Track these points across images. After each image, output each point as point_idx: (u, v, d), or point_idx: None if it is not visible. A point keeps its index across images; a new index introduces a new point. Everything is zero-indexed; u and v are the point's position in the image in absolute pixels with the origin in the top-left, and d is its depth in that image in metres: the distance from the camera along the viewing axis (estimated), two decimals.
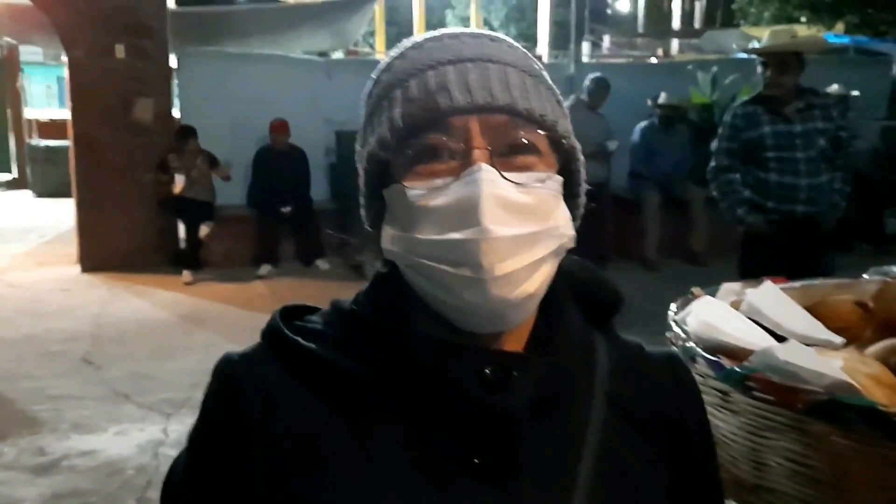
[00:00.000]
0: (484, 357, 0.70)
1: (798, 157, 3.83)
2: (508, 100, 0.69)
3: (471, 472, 0.70)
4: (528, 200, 0.68)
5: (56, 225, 9.84)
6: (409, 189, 0.68)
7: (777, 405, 0.95)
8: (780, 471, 0.97)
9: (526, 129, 0.70)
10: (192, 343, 5.40)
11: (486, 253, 0.65)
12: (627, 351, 0.82)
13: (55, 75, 16.32)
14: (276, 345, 0.75)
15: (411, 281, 0.71)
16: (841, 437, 0.89)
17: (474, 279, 0.66)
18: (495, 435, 0.70)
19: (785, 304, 1.36)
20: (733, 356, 1.05)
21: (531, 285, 0.68)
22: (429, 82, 0.69)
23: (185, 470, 0.77)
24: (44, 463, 3.69)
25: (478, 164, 0.67)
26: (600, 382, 0.77)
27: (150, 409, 4.29)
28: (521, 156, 0.70)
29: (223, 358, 0.76)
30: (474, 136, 0.68)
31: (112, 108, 7.29)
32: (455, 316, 0.69)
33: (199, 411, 0.77)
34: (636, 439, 0.77)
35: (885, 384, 0.99)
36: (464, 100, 0.68)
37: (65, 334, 5.60)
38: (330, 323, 0.77)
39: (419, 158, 0.69)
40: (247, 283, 7.07)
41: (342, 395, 0.72)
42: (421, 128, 0.69)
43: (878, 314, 1.42)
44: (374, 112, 0.73)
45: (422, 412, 0.71)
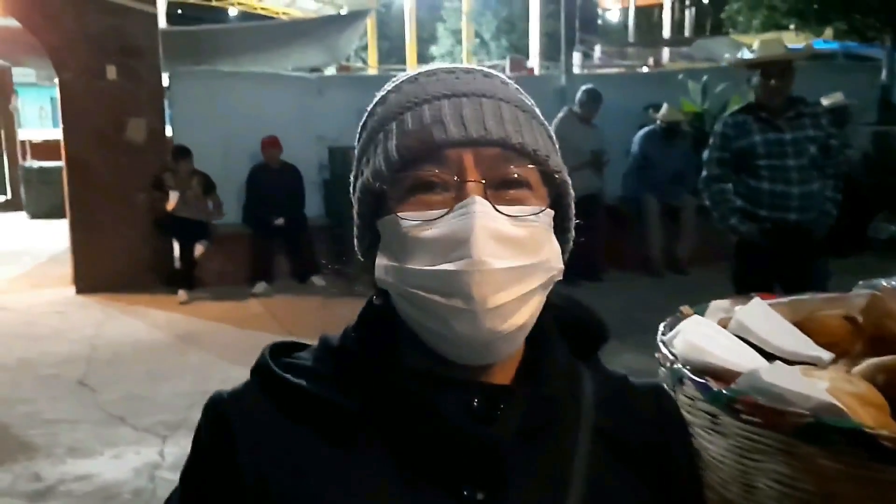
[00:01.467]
0: (471, 389, 0.71)
1: (789, 164, 3.86)
2: (502, 134, 0.70)
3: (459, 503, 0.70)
4: (520, 233, 0.69)
5: (50, 246, 9.83)
6: (402, 220, 0.69)
7: (764, 427, 0.94)
8: (769, 493, 0.97)
9: (518, 163, 0.71)
10: (187, 363, 5.38)
11: (478, 284, 0.66)
12: (612, 383, 0.83)
13: (48, 96, 16.36)
14: (265, 382, 0.76)
15: (403, 312, 0.72)
16: (828, 460, 0.89)
17: (465, 310, 0.66)
18: (484, 467, 0.71)
19: (773, 321, 1.36)
20: (721, 378, 1.05)
21: (521, 317, 0.69)
22: (424, 115, 0.70)
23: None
24: (40, 489, 3.67)
25: (472, 196, 0.68)
26: (586, 414, 0.78)
27: (146, 431, 4.27)
28: (513, 189, 0.71)
29: (213, 396, 0.77)
30: (468, 169, 0.69)
31: (104, 128, 7.30)
32: (445, 347, 0.70)
33: (190, 449, 0.78)
34: (622, 470, 0.78)
35: (872, 404, 0.99)
36: (458, 133, 0.69)
37: (59, 357, 5.59)
38: (319, 359, 0.78)
39: (413, 190, 0.70)
40: (242, 301, 7.07)
41: (331, 430, 0.72)
42: (416, 160, 0.70)
43: (867, 328, 1.42)
44: (368, 143, 0.74)
45: (411, 445, 0.71)
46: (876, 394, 1.02)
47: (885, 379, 1.07)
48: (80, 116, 7.29)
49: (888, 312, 1.39)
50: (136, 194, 7.39)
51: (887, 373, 1.08)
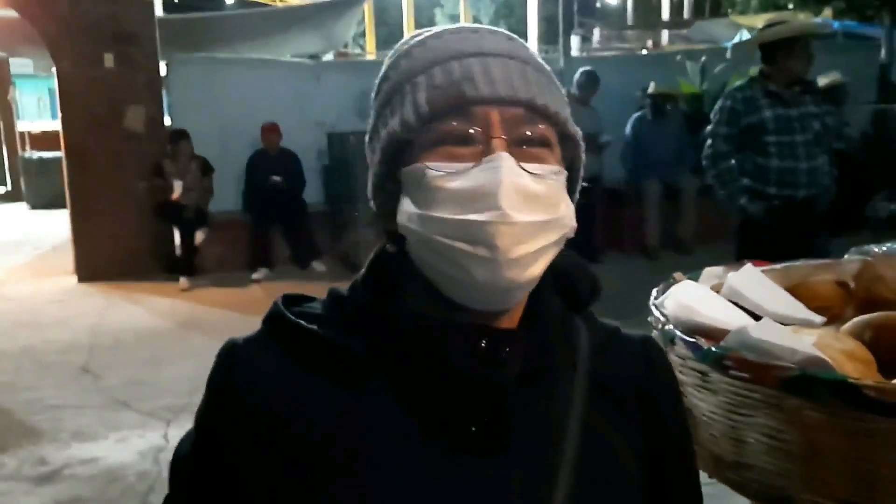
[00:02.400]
0: (476, 333, 0.74)
1: (797, 140, 3.82)
2: (528, 94, 0.73)
3: (464, 444, 0.73)
4: (541, 190, 0.72)
5: (51, 236, 9.85)
6: (430, 170, 0.72)
7: (753, 382, 0.97)
8: (758, 447, 0.99)
9: (541, 123, 0.74)
10: (189, 349, 5.41)
11: (504, 235, 0.69)
12: (605, 333, 0.86)
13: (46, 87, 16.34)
14: (277, 329, 0.79)
15: (420, 258, 0.75)
16: (814, 411, 0.91)
17: (489, 259, 0.70)
18: (487, 407, 0.74)
19: (765, 286, 1.38)
20: (711, 337, 1.07)
21: (536, 269, 0.73)
22: (454, 71, 0.73)
23: (190, 448, 0.81)
24: (45, 472, 3.70)
25: (498, 152, 0.71)
26: (582, 360, 0.81)
27: (150, 415, 4.30)
28: (535, 148, 0.74)
29: (227, 342, 0.80)
30: (494, 126, 0.72)
31: (103, 117, 7.30)
32: (461, 293, 0.73)
33: (204, 393, 0.80)
34: (615, 413, 0.82)
35: (858, 359, 1.01)
36: (488, 91, 0.72)
37: (62, 344, 5.61)
38: (328, 307, 0.81)
39: (441, 142, 0.73)
40: (243, 287, 7.09)
41: (340, 374, 0.75)
42: (445, 113, 0.72)
43: (858, 293, 1.44)
44: (393, 94, 0.77)
45: (416, 388, 0.74)
46: (863, 349, 1.04)
47: (871, 335, 1.09)
48: (79, 105, 7.29)
49: (879, 277, 1.41)
50: (135, 182, 7.40)
51: (874, 329, 1.10)
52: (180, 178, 7.20)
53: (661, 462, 0.83)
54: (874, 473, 0.89)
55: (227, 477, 0.76)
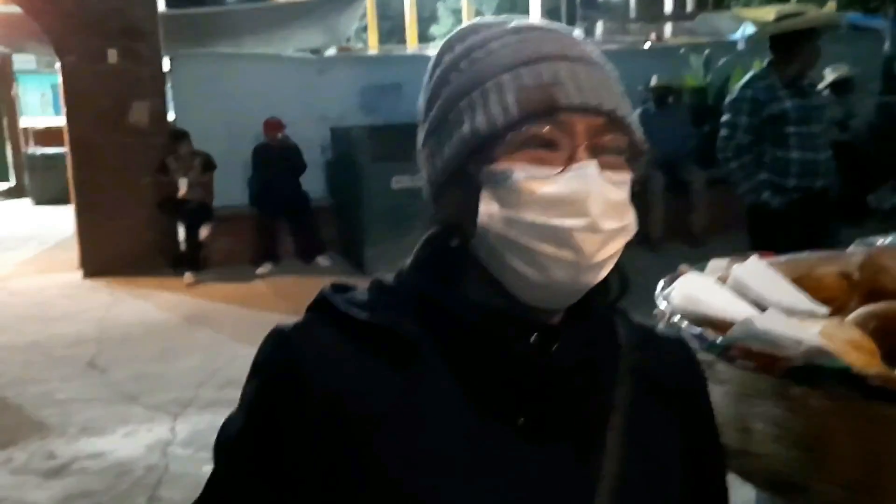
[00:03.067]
0: (528, 326, 0.77)
1: (815, 131, 3.82)
2: (611, 105, 0.75)
3: (516, 431, 0.75)
4: (620, 197, 0.75)
5: (56, 232, 9.88)
6: (517, 172, 0.73)
7: (758, 372, 0.98)
8: (764, 435, 1.01)
9: (619, 133, 0.76)
10: (196, 343, 5.44)
11: (590, 241, 0.72)
12: (643, 330, 0.89)
13: (49, 83, 16.35)
14: (327, 315, 0.79)
15: (494, 254, 0.75)
16: (818, 399, 0.93)
17: (573, 262, 0.72)
18: (538, 397, 0.76)
19: (770, 278, 1.39)
20: (717, 328, 1.09)
21: (605, 272, 0.76)
22: (543, 74, 0.74)
23: (241, 431, 0.80)
24: (54, 466, 3.73)
25: (587, 160, 0.73)
26: (624, 355, 0.84)
27: (158, 409, 4.33)
28: (613, 156, 0.76)
29: (276, 328, 0.80)
30: (580, 134, 0.73)
31: (107, 112, 7.32)
32: (530, 292, 0.75)
33: (251, 374, 0.80)
34: (656, 408, 0.84)
35: (862, 348, 1.02)
36: (578, 99, 0.73)
37: (70, 339, 5.64)
38: (376, 295, 0.82)
39: (528, 144, 0.73)
40: (248, 282, 7.12)
41: (394, 357, 0.77)
42: (533, 117, 0.73)
43: (862, 284, 1.45)
44: (471, 90, 0.76)
45: (471, 375, 0.76)
46: (867, 339, 1.06)
47: (876, 325, 1.11)
48: (83, 100, 7.30)
49: (882, 268, 1.42)
50: (140, 177, 7.42)
51: (878, 319, 1.12)
52: (184, 175, 7.22)
53: (698, 457, 0.86)
54: (879, 459, 0.91)
55: (287, 459, 0.76)
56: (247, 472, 0.79)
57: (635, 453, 0.79)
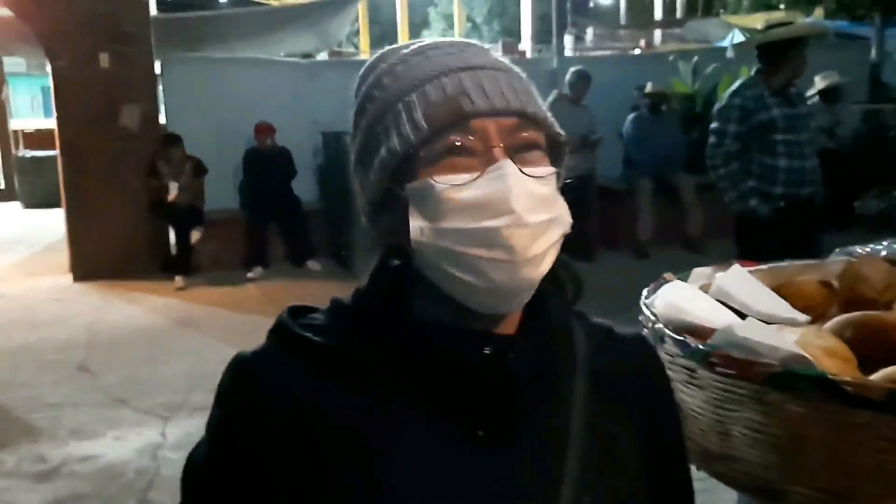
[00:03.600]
0: (482, 339, 0.79)
1: (802, 139, 3.86)
2: (519, 104, 0.78)
3: (475, 444, 0.77)
4: (543, 191, 0.77)
5: (46, 235, 9.85)
6: (437, 183, 0.75)
7: (738, 378, 1.01)
8: (743, 440, 1.04)
9: (532, 129, 0.79)
10: (186, 347, 5.45)
11: (519, 237, 0.74)
12: (600, 331, 0.91)
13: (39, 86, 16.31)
14: (285, 341, 0.82)
15: (433, 268, 0.77)
16: (795, 405, 0.96)
17: (507, 261, 0.74)
18: (496, 408, 0.78)
19: (752, 286, 1.43)
20: (699, 335, 1.12)
21: (545, 266, 0.78)
22: (446, 87, 0.77)
23: (207, 459, 0.82)
24: (44, 470, 3.74)
25: (502, 160, 0.75)
26: (581, 359, 0.86)
27: (148, 412, 4.34)
28: (529, 153, 0.78)
29: (236, 356, 0.83)
30: (492, 136, 0.76)
31: (98, 116, 7.32)
32: (478, 298, 0.77)
33: (214, 403, 0.83)
34: (616, 409, 0.86)
35: (838, 356, 1.06)
36: (483, 104, 0.76)
37: (59, 343, 5.64)
38: (333, 318, 0.84)
39: (444, 155, 0.76)
40: (238, 286, 7.12)
41: (352, 381, 0.79)
42: (443, 128, 0.76)
43: (841, 293, 1.49)
44: (385, 114, 0.79)
45: (427, 392, 0.78)
46: (843, 347, 1.09)
47: (851, 333, 1.14)
48: (74, 104, 7.30)
49: (862, 277, 1.46)
50: (131, 181, 7.42)
51: (854, 328, 1.15)
52: (175, 179, 7.22)
53: (659, 455, 0.88)
54: (853, 464, 0.94)
55: (252, 485, 0.78)
56: (213, 501, 0.81)
57: (596, 456, 0.81)
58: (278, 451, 0.77)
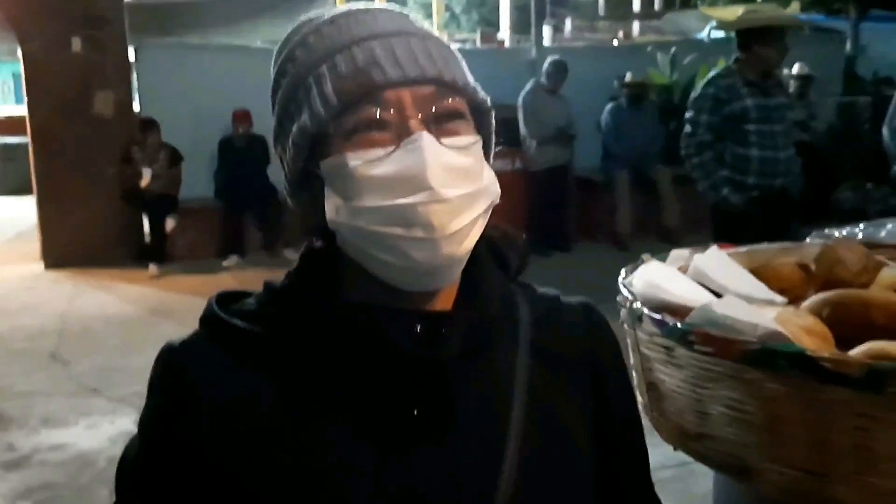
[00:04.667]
0: (413, 317, 0.75)
1: (775, 130, 3.88)
2: (435, 71, 0.73)
3: (410, 427, 0.75)
4: (464, 162, 0.73)
5: (17, 223, 9.70)
6: (351, 160, 0.71)
7: (716, 356, 1.00)
8: (721, 418, 1.03)
9: (452, 97, 0.75)
10: (160, 336, 5.23)
11: (438, 213, 0.70)
12: (545, 301, 0.88)
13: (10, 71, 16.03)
14: (214, 329, 0.79)
15: (353, 249, 0.74)
16: (774, 383, 0.95)
17: (426, 239, 0.70)
18: (430, 388, 0.75)
19: (730, 267, 1.42)
20: (677, 314, 1.11)
21: (470, 241, 0.74)
22: (357, 58, 0.73)
23: (138, 456, 0.80)
24: (14, 458, 3.68)
25: (417, 132, 0.71)
26: (524, 332, 0.83)
27: (121, 401, 4.28)
28: (450, 122, 0.74)
29: (164, 347, 0.80)
30: (408, 107, 0.72)
31: (70, 101, 7.21)
32: (399, 277, 0.73)
33: (147, 398, 0.80)
34: (560, 382, 0.83)
35: (816, 334, 1.05)
36: (396, 73, 0.72)
37: (31, 331, 5.56)
38: (264, 303, 0.81)
39: (357, 130, 0.72)
40: (214, 274, 7.06)
41: (282, 369, 0.76)
42: (355, 102, 0.72)
43: (818, 276, 1.48)
44: (296, 89, 0.76)
45: (359, 376, 0.75)
46: (821, 325, 1.08)
47: (829, 312, 1.13)
48: (45, 89, 7.18)
49: (838, 260, 1.46)
50: (104, 168, 7.32)
51: (832, 307, 1.14)
52: (149, 165, 7.13)
53: (609, 422, 0.86)
54: (830, 442, 0.94)
55: (181, 479, 0.76)
56: (144, 497, 0.78)
57: (540, 428, 0.79)
58: (207, 441, 0.75)
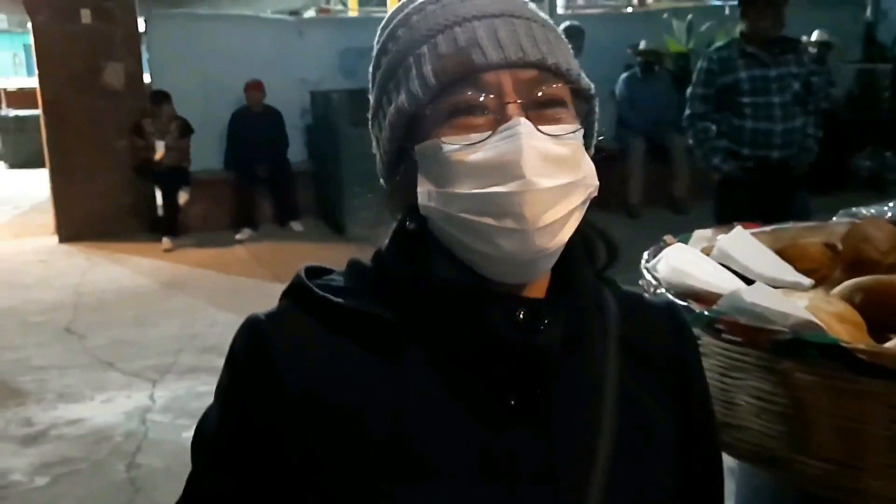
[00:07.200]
0: (513, 302, 0.73)
1: (773, 101, 3.85)
2: (538, 55, 0.71)
3: (507, 412, 0.72)
4: (562, 152, 0.70)
5: (30, 196, 9.72)
6: (446, 144, 0.69)
7: (744, 346, 0.97)
8: (749, 409, 1.00)
9: (554, 83, 0.72)
10: (174, 309, 5.39)
11: (530, 204, 0.67)
12: (630, 298, 0.86)
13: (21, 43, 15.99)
14: (302, 301, 0.76)
15: (444, 235, 0.73)
16: (805, 374, 0.92)
17: (517, 230, 0.68)
18: (530, 376, 0.73)
19: (755, 249, 1.39)
20: (703, 300, 1.08)
21: (565, 234, 0.71)
22: (458, 38, 0.70)
23: (216, 425, 0.77)
24: (31, 433, 3.70)
25: (515, 118, 0.68)
26: (612, 325, 0.81)
27: (136, 375, 4.30)
28: (550, 109, 0.71)
29: (249, 317, 0.77)
30: (507, 92, 0.69)
31: (80, 73, 7.16)
32: (489, 267, 0.71)
33: (225, 367, 0.77)
34: (648, 378, 0.81)
35: (848, 321, 1.02)
36: (497, 56, 0.69)
37: (45, 305, 5.58)
38: (351, 278, 0.78)
39: (454, 114, 0.70)
40: (226, 247, 7.05)
41: (374, 343, 0.73)
42: (454, 84, 0.70)
43: (845, 255, 1.45)
44: (396, 68, 0.74)
45: (456, 358, 0.73)
46: (853, 312, 1.05)
47: (861, 298, 1.10)
48: (56, 61, 7.14)
49: (866, 239, 1.42)
50: (115, 140, 7.29)
51: (864, 292, 1.11)
52: (161, 138, 7.10)
53: (690, 427, 0.84)
54: (863, 434, 0.91)
55: (267, 453, 0.73)
56: (225, 469, 0.76)
57: (629, 426, 0.77)
58: (293, 417, 0.72)
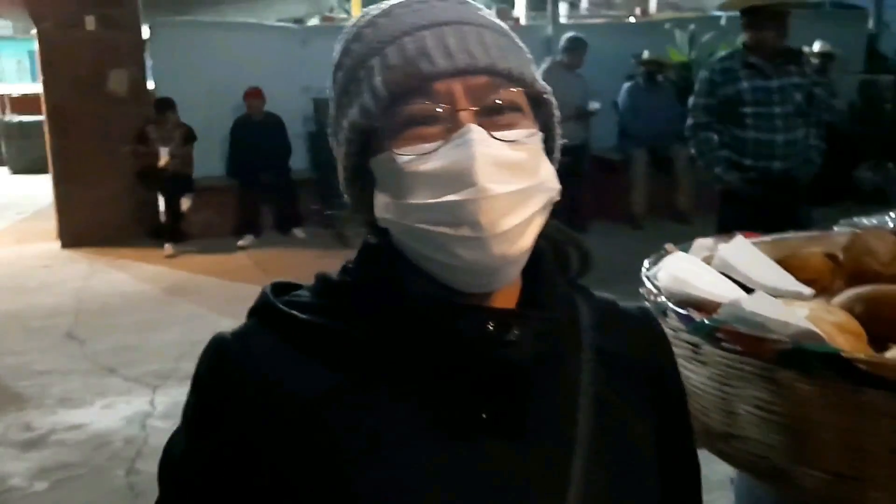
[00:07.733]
0: (483, 315, 0.72)
1: (775, 112, 3.85)
2: (488, 61, 0.70)
3: (480, 428, 0.71)
4: (517, 157, 0.69)
5: (34, 201, 9.75)
6: (398, 156, 0.69)
7: (745, 355, 0.97)
8: (749, 418, 1.00)
9: (507, 88, 0.71)
10: (175, 315, 5.39)
11: (485, 211, 0.66)
12: (603, 306, 0.85)
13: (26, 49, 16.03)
14: (268, 319, 0.75)
15: (405, 247, 0.72)
16: (806, 384, 0.92)
17: (474, 238, 0.67)
18: (503, 389, 0.72)
19: (756, 258, 1.38)
20: (703, 309, 1.07)
21: (526, 240, 0.70)
22: (406, 48, 0.70)
23: (182, 449, 0.76)
24: (31, 438, 3.70)
25: (466, 125, 0.68)
26: (587, 336, 0.80)
27: (136, 381, 4.30)
28: (505, 114, 0.71)
29: (214, 337, 0.76)
30: (459, 99, 0.69)
31: (85, 80, 7.19)
32: (452, 277, 0.70)
33: (192, 389, 0.76)
34: (624, 388, 0.80)
35: (849, 331, 1.02)
36: (445, 64, 0.69)
37: (47, 310, 5.58)
38: (321, 294, 0.77)
39: (405, 125, 0.69)
40: (229, 253, 7.06)
41: (343, 361, 0.72)
42: (404, 95, 0.69)
43: (847, 265, 1.45)
44: (349, 82, 0.73)
45: (425, 372, 0.71)
46: (854, 322, 1.05)
47: (862, 308, 1.10)
48: (60, 68, 7.16)
49: (868, 250, 1.42)
50: (119, 146, 7.31)
51: (865, 303, 1.11)
52: (164, 145, 7.12)
53: (667, 434, 0.83)
54: (864, 446, 0.90)
55: (231, 476, 0.72)
56: (191, 495, 0.75)
57: (604, 436, 0.76)
58: (260, 436, 0.71)
